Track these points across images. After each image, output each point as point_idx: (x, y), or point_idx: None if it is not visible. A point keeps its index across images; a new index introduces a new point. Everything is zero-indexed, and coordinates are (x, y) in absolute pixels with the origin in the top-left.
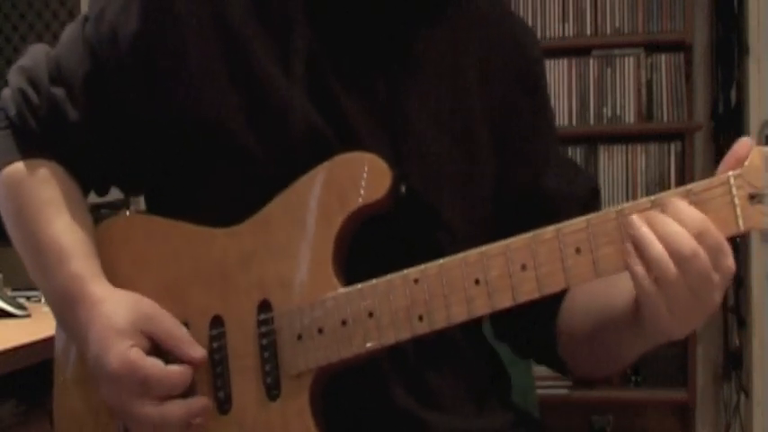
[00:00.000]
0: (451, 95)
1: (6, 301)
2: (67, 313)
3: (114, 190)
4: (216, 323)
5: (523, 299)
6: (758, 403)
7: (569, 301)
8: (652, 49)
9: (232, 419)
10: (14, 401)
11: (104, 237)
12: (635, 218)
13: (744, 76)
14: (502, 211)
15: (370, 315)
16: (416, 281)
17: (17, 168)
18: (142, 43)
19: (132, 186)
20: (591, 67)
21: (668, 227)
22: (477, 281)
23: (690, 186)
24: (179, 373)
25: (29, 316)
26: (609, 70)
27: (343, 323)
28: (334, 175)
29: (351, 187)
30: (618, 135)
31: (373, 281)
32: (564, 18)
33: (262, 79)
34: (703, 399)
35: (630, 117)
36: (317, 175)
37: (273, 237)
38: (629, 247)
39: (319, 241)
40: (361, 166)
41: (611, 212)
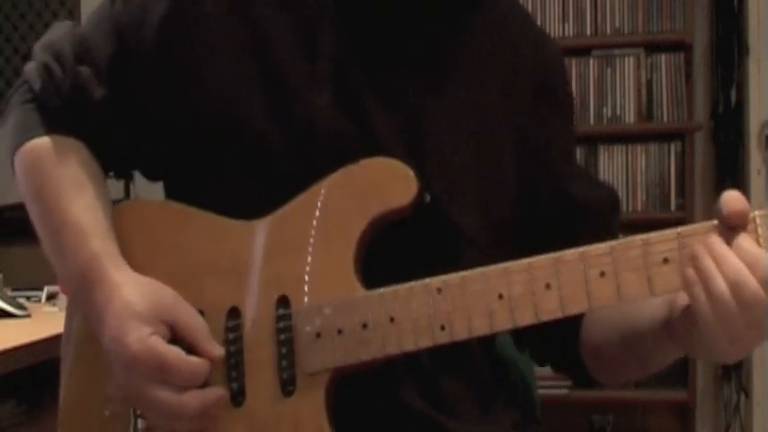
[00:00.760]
0: (475, 106)
1: (6, 301)
2: (84, 294)
3: (113, 189)
4: (232, 315)
5: (545, 317)
6: (758, 403)
7: (593, 311)
8: (652, 49)
9: (245, 412)
10: (14, 401)
11: (121, 220)
12: (700, 249)
13: (744, 76)
14: (525, 222)
15: (391, 320)
16: (439, 290)
17: (40, 143)
18: (169, 32)
19: (151, 171)
20: (591, 67)
21: (732, 266)
22: (500, 296)
23: (717, 222)
24: (199, 364)
25: (29, 316)
26: (609, 70)
27: (364, 326)
28: (359, 178)
29: (375, 192)
30: (618, 135)
31: (395, 287)
32: (564, 18)
33: (287, 77)
34: (703, 399)
35: (630, 117)
36: (341, 177)
37: (294, 234)
38: (691, 276)
39: (341, 243)
40: (387, 171)
41: (636, 240)
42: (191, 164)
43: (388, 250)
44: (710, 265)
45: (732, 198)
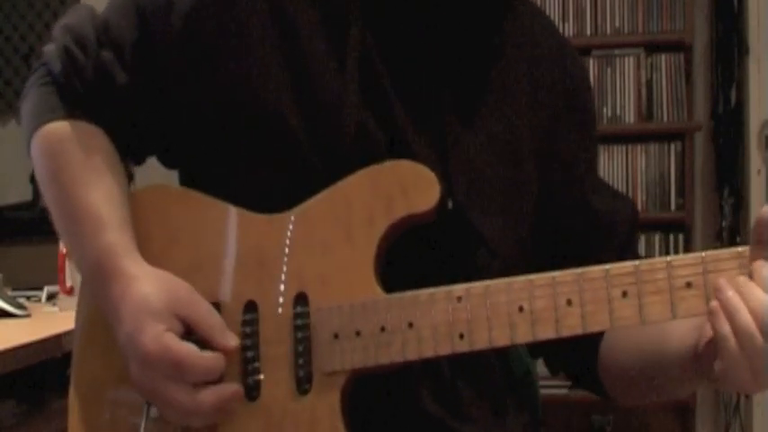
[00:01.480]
0: (500, 114)
1: (6, 301)
2: (99, 285)
3: None
4: (249, 308)
5: (566, 333)
6: (758, 403)
7: (617, 331)
8: (652, 49)
9: (260, 407)
10: (14, 401)
11: (140, 205)
12: (723, 282)
13: (744, 76)
14: (546, 232)
15: (410, 326)
16: (459, 299)
17: (59, 127)
18: (198, 20)
19: (170, 159)
20: (591, 67)
21: (757, 298)
22: (521, 308)
23: (741, 249)
24: (213, 360)
25: (29, 316)
26: (609, 70)
27: (383, 329)
28: (382, 179)
29: (398, 194)
30: (618, 135)
31: (416, 291)
32: (564, 18)
33: (315, 72)
34: (703, 399)
35: (630, 117)
36: (364, 177)
37: (315, 231)
38: (715, 308)
39: (362, 244)
40: (411, 174)
41: (660, 262)
42: (213, 152)
43: (409, 254)
44: (735, 297)
45: None
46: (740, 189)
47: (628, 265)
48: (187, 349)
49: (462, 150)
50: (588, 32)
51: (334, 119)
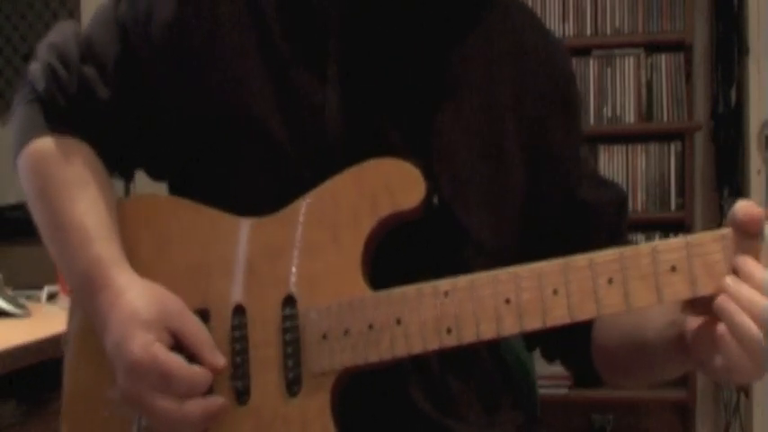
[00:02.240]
0: (484, 110)
1: (6, 300)
2: (88, 297)
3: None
4: (238, 312)
5: (553, 323)
6: (758, 403)
7: (602, 318)
8: (652, 49)
9: (249, 410)
10: (14, 401)
11: (127, 214)
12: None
13: (744, 75)
14: (533, 225)
15: (398, 322)
16: (446, 293)
17: (44, 143)
18: (177, 30)
19: (157, 171)
20: (591, 67)
21: (757, 304)
22: (507, 300)
23: (725, 231)
24: (201, 375)
25: (29, 316)
26: (609, 70)
27: (370, 327)
28: (367, 178)
29: (383, 193)
30: (618, 135)
31: (403, 288)
32: (564, 18)
33: (297, 80)
34: (703, 399)
35: (630, 117)
36: (349, 177)
37: (301, 233)
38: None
39: (348, 243)
40: (396, 172)
41: (645, 248)
42: (199, 163)
43: (395, 252)
44: (731, 303)
45: (748, 204)
46: (740, 189)
47: (612, 252)
48: (175, 361)
49: (446, 147)
50: (588, 32)
51: (318, 124)
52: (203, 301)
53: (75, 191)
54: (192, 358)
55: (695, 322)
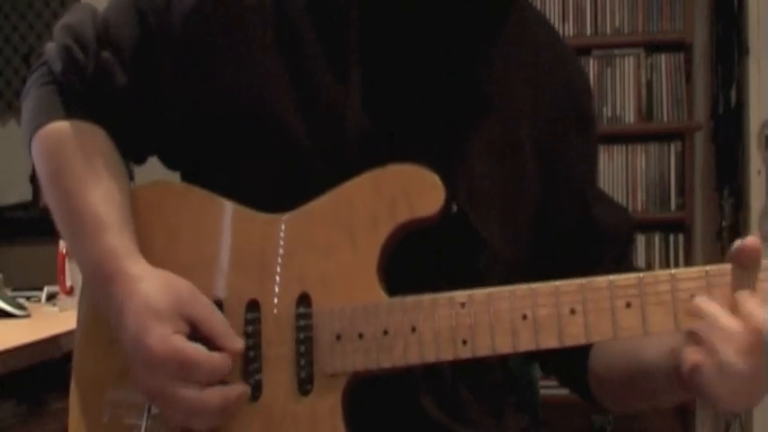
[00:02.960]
0: (502, 120)
1: (6, 301)
2: (100, 287)
3: None
4: (252, 307)
5: (569, 342)
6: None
7: (601, 342)
8: (652, 49)
9: (261, 407)
10: (14, 401)
11: (141, 202)
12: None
13: (744, 75)
14: (547, 239)
15: (413, 330)
16: (463, 305)
17: (60, 127)
18: (197, 19)
19: (171, 159)
20: (591, 67)
21: (737, 335)
22: (524, 316)
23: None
24: (221, 360)
25: (29, 316)
26: (609, 70)
27: (385, 333)
28: (386, 183)
29: (402, 198)
30: (618, 135)
31: (419, 296)
32: (564, 18)
33: (317, 77)
34: None
35: (630, 117)
36: (368, 180)
37: (318, 233)
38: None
39: (365, 246)
40: (416, 178)
41: (664, 274)
42: (216, 153)
43: (411, 258)
44: (712, 336)
45: (749, 240)
46: (740, 189)
47: (632, 276)
48: (194, 349)
49: (463, 155)
50: (588, 32)
51: (337, 123)
52: (217, 294)
53: (90, 178)
54: (209, 344)
55: (695, 353)
